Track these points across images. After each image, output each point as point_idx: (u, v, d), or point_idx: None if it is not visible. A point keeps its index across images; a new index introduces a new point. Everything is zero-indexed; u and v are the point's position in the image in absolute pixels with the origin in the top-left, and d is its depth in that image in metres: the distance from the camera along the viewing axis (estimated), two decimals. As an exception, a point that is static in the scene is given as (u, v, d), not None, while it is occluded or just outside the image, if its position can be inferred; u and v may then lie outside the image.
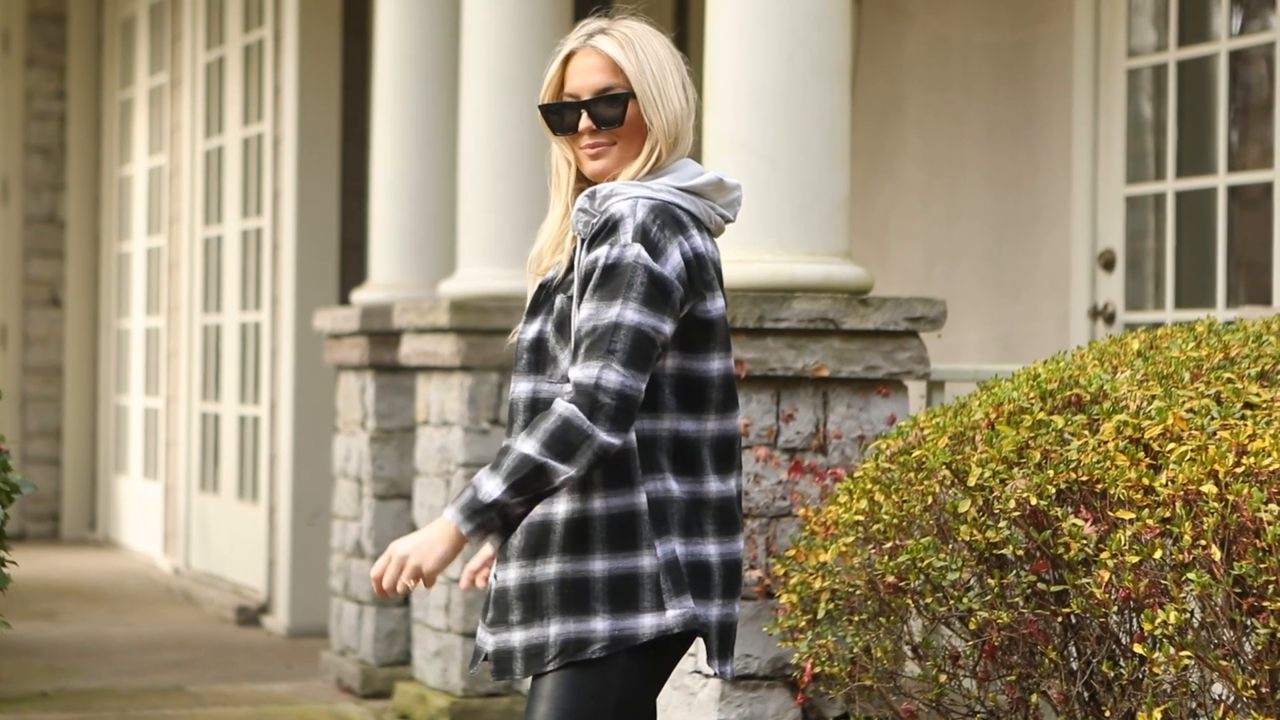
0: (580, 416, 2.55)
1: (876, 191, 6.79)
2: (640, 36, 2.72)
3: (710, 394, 2.67)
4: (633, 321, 2.57)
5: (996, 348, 6.19)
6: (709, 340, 2.67)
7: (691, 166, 2.73)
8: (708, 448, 2.67)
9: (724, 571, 2.68)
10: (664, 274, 2.60)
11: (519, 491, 2.55)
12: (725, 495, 2.69)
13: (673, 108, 2.70)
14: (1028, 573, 3.41)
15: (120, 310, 10.53)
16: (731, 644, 2.72)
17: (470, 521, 2.55)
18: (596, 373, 2.56)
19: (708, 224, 2.71)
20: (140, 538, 9.98)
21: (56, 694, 6.07)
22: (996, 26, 6.29)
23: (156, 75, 9.88)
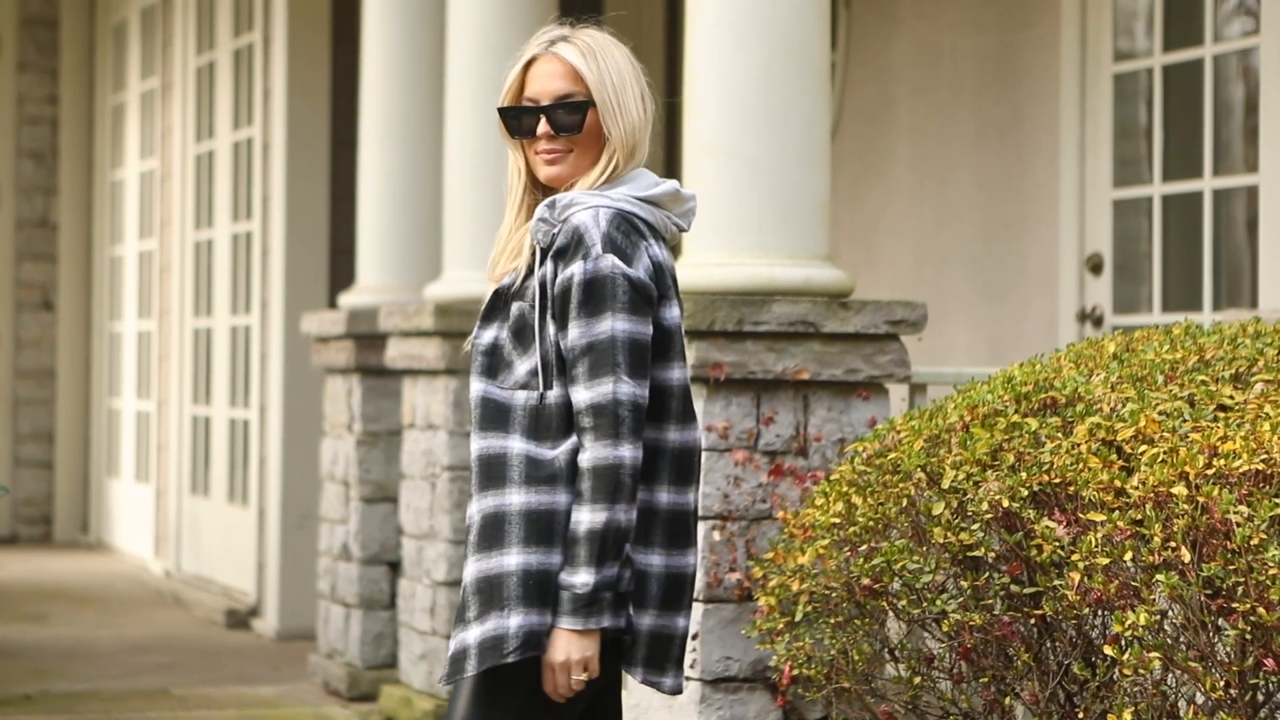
0: (606, 453, 2.57)
1: (866, 194, 6.80)
2: (602, 47, 2.75)
3: (670, 403, 2.68)
4: (625, 331, 2.61)
5: (985, 350, 6.19)
6: (669, 349, 2.68)
7: (648, 176, 2.75)
8: (667, 458, 2.68)
9: (666, 583, 2.67)
10: (641, 278, 2.63)
11: (603, 560, 2.58)
12: (679, 507, 2.69)
13: (631, 118, 2.72)
14: (1002, 575, 3.41)
15: (112, 314, 10.54)
16: (670, 657, 2.70)
17: (586, 618, 2.59)
18: (611, 389, 2.59)
19: (663, 233, 2.73)
20: (132, 540, 9.99)
21: (40, 696, 6.07)
22: (984, 31, 6.30)
23: (148, 80, 9.90)
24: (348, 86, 7.66)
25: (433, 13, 6.35)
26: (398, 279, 6.39)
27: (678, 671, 2.73)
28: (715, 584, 4.27)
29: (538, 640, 2.61)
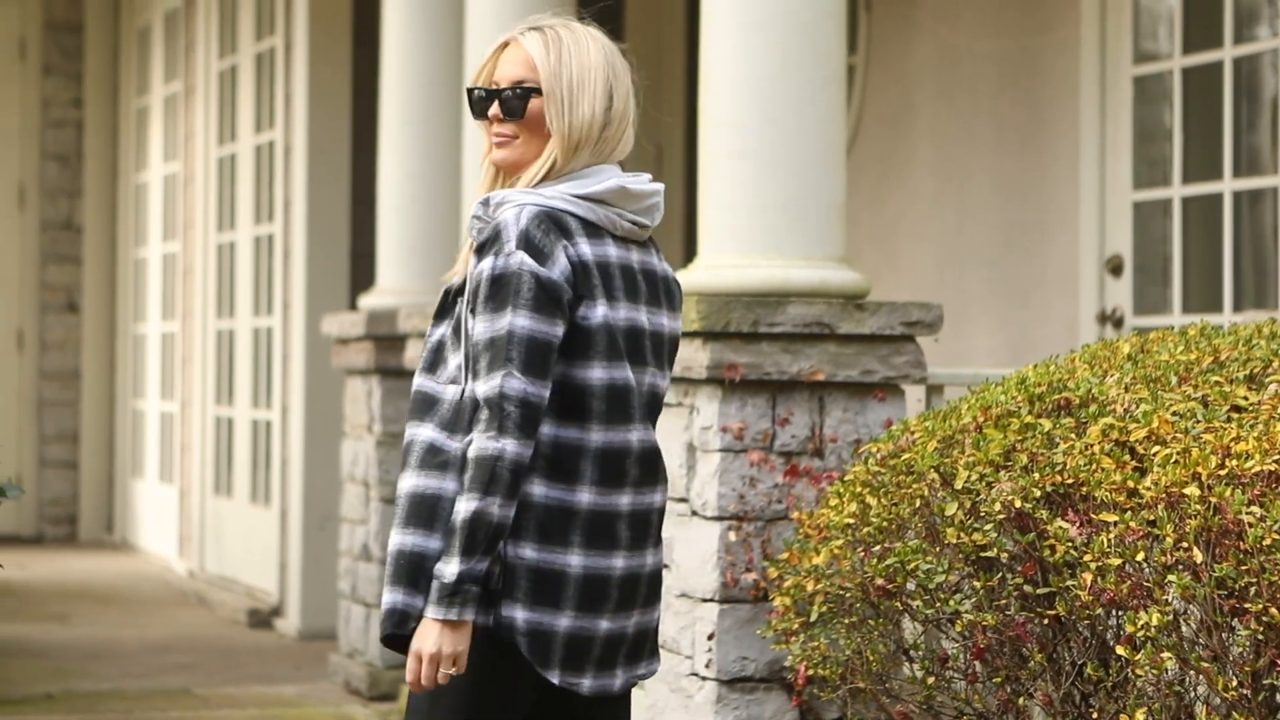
0: (487, 445, 2.57)
1: (887, 197, 6.81)
2: (575, 40, 2.74)
3: (590, 403, 2.65)
4: (524, 327, 2.60)
5: (1006, 352, 6.20)
6: (588, 349, 2.65)
7: (600, 174, 2.72)
8: (590, 458, 2.65)
9: (585, 584, 2.64)
10: (551, 278, 2.62)
11: (472, 551, 2.57)
12: (602, 508, 2.66)
13: (580, 115, 2.70)
14: (1015, 575, 3.42)
15: (136, 315, 10.59)
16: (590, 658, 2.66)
17: (448, 608, 2.57)
18: (499, 383, 2.58)
19: (613, 230, 2.71)
20: (156, 541, 10.03)
21: (62, 696, 6.11)
22: (1004, 35, 6.31)
23: (171, 83, 9.94)
24: (368, 90, 7.70)
25: (452, 16, 6.37)
26: (417, 280, 6.42)
27: (600, 673, 2.68)
28: (731, 584, 4.28)
29: (402, 620, 2.61)
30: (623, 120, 2.74)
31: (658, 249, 2.82)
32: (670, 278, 2.81)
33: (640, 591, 2.71)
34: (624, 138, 2.75)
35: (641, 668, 2.76)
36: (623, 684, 2.72)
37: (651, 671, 2.78)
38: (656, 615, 2.77)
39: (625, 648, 2.71)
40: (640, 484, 2.70)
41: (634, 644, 2.72)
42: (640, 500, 2.70)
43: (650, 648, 2.78)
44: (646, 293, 2.74)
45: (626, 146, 2.77)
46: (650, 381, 2.74)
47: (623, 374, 2.68)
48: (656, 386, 2.75)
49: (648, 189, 2.74)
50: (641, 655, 2.75)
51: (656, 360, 2.75)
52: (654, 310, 2.75)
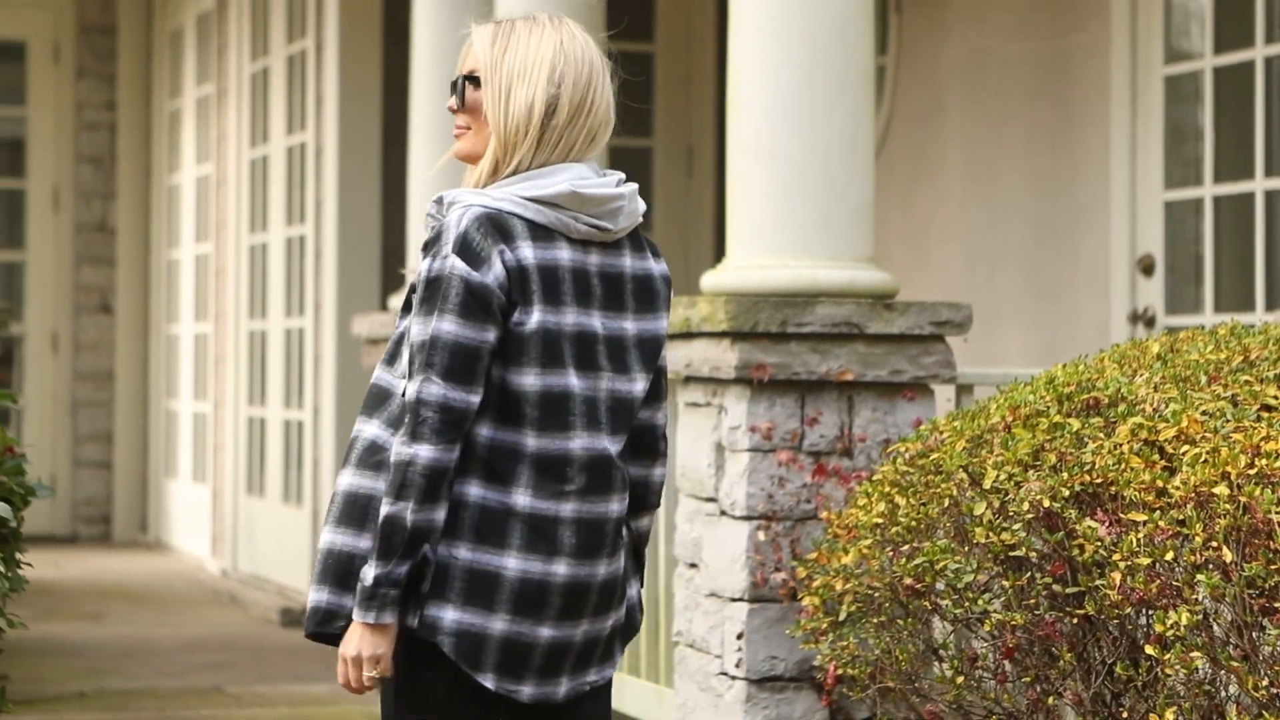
0: (401, 449, 2.55)
1: (917, 198, 6.81)
2: (528, 32, 2.68)
3: (523, 409, 2.60)
4: (449, 333, 2.56)
5: (1037, 352, 6.19)
6: (521, 355, 2.60)
7: (556, 174, 2.64)
8: (525, 463, 2.61)
9: (520, 588, 2.60)
10: (483, 283, 2.57)
11: (388, 555, 2.55)
12: (540, 513, 2.61)
13: (515, 108, 2.64)
14: (1044, 574, 3.41)
15: (169, 316, 10.65)
16: (530, 666, 2.63)
17: (366, 611, 2.57)
18: (418, 387, 2.56)
19: (567, 233, 2.64)
20: (189, 540, 10.08)
21: (95, 694, 6.14)
22: (1034, 36, 6.30)
23: (204, 85, 9.99)
24: (399, 90, 7.72)
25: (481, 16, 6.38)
26: (448, 281, 6.43)
27: (543, 681, 2.65)
28: (761, 584, 4.29)
29: (326, 619, 2.62)
30: (578, 116, 2.65)
31: (643, 249, 2.73)
32: (652, 277, 2.72)
33: (590, 600, 2.66)
34: (587, 136, 2.66)
35: (591, 674, 2.71)
36: (568, 691, 2.68)
37: (604, 678, 2.74)
38: (612, 622, 2.72)
39: (572, 656, 2.67)
40: (589, 492, 2.64)
41: (583, 652, 2.68)
42: (590, 509, 2.64)
43: (603, 654, 2.73)
44: (603, 296, 2.66)
45: (595, 146, 2.68)
46: (610, 387, 2.66)
47: (561, 381, 2.62)
48: (619, 391, 2.67)
49: (607, 193, 2.66)
50: (591, 662, 2.71)
51: (618, 365, 2.67)
52: (614, 314, 2.68)
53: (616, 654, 2.76)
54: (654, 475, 2.79)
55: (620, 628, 2.75)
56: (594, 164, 2.70)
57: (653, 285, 2.73)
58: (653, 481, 2.79)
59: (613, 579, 2.68)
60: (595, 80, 2.68)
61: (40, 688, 6.14)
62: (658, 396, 2.77)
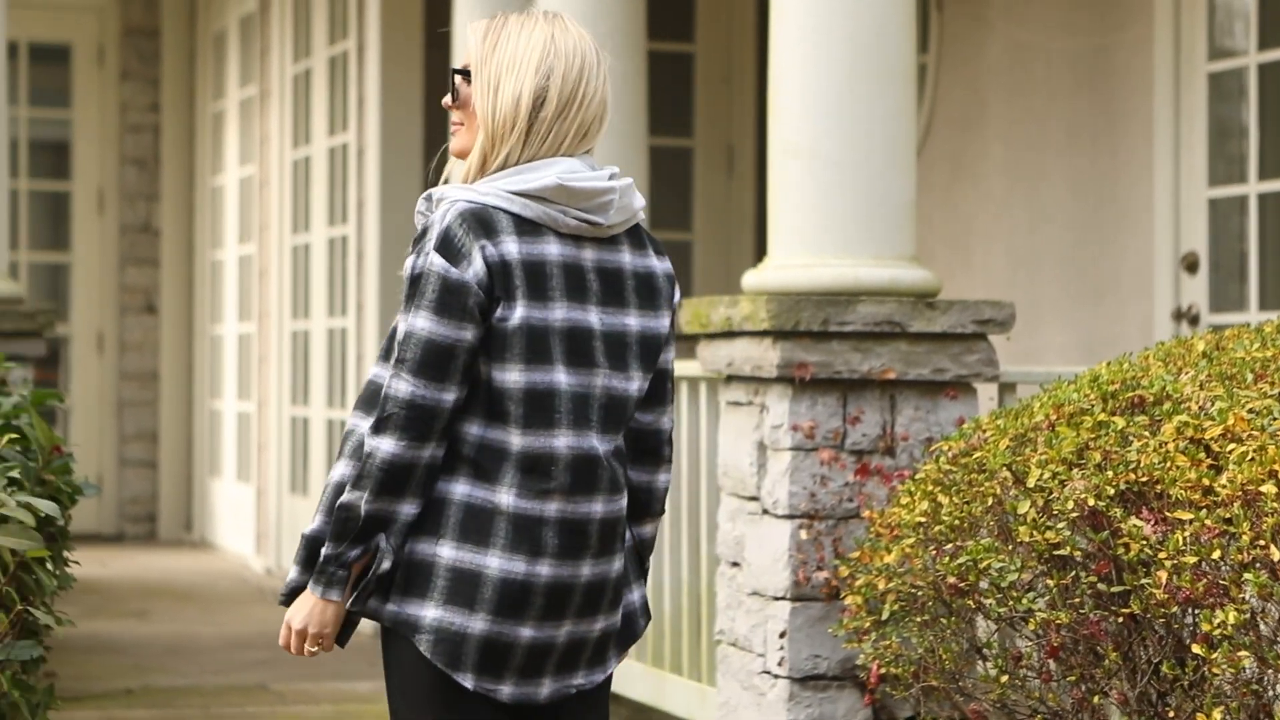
0: (367, 441, 2.56)
1: (958, 197, 6.79)
2: (519, 27, 2.65)
3: (508, 406, 2.57)
4: (423, 329, 2.55)
5: (1080, 351, 6.17)
6: (504, 351, 2.57)
7: (544, 168, 2.61)
8: (511, 462, 2.58)
9: (502, 588, 2.57)
10: (461, 279, 2.54)
11: (340, 537, 2.57)
12: (524, 512, 2.58)
13: (502, 101, 2.61)
14: (1089, 573, 3.40)
15: (213, 316, 10.70)
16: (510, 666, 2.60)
17: (314, 583, 2.60)
18: (389, 382, 2.56)
19: (555, 228, 2.60)
20: (234, 539, 10.14)
21: (142, 691, 6.18)
22: (1077, 33, 6.28)
23: (246, 87, 10.04)
24: (440, 91, 7.73)
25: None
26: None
27: (523, 681, 2.61)
28: (803, 582, 4.29)
29: (294, 594, 2.66)
30: (568, 109, 2.61)
31: (644, 245, 2.70)
32: (654, 274, 2.68)
33: (573, 601, 2.62)
34: (578, 131, 2.63)
35: (579, 677, 2.67)
36: (552, 693, 2.65)
37: (592, 682, 2.69)
38: (602, 626, 2.67)
39: (555, 657, 2.64)
40: (573, 492, 2.60)
41: (567, 654, 2.65)
42: (574, 509, 2.60)
43: (592, 658, 2.68)
44: (600, 292, 2.62)
45: (587, 140, 2.64)
46: (605, 384, 2.62)
47: (545, 377, 2.58)
48: (615, 389, 2.63)
49: (596, 186, 2.61)
50: (578, 665, 2.67)
51: (615, 362, 2.63)
52: (612, 310, 2.63)
53: (610, 659, 2.71)
54: (658, 481, 2.75)
55: (616, 633, 2.70)
56: (588, 159, 2.66)
57: (654, 282, 2.68)
58: (656, 488, 2.75)
59: (600, 581, 2.64)
60: (587, 74, 2.64)
61: (87, 685, 6.19)
62: (663, 400, 2.72)
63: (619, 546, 2.67)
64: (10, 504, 3.30)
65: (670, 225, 7.89)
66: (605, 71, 2.67)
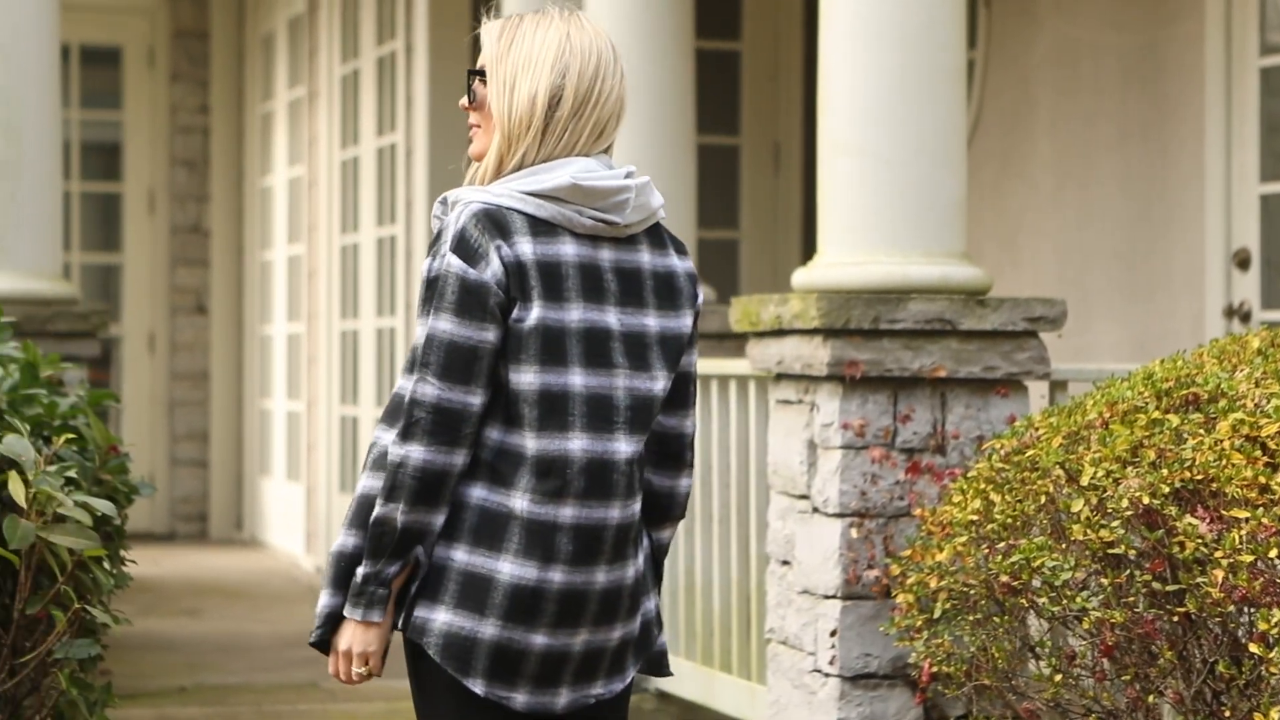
0: (394, 450, 2.52)
1: (1008, 195, 6.77)
2: (534, 26, 2.61)
3: (523, 409, 2.53)
4: (445, 332, 2.50)
5: (1130, 348, 6.14)
6: (520, 352, 2.53)
7: (558, 168, 2.57)
8: (526, 465, 2.54)
9: (513, 594, 2.53)
10: (480, 280, 2.50)
11: (376, 554, 2.53)
12: (539, 518, 2.54)
13: (518, 101, 2.57)
14: (1143, 572, 3.39)
15: (263, 317, 10.76)
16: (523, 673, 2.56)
17: (354, 608, 2.55)
18: (413, 388, 2.52)
19: (571, 228, 2.57)
20: (284, 538, 10.19)
21: (195, 689, 6.22)
22: (1126, 29, 6.24)
23: (295, 88, 10.09)
24: (490, 91, 7.76)
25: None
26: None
27: (539, 690, 2.57)
28: (854, 581, 4.29)
29: (334, 622, 2.59)
30: (584, 108, 2.58)
31: (664, 245, 2.65)
32: (675, 273, 2.64)
33: (588, 609, 2.57)
34: (594, 130, 2.60)
35: (598, 687, 2.62)
36: (569, 703, 2.60)
37: (611, 691, 2.64)
38: (621, 634, 2.62)
39: (572, 666, 2.59)
40: (587, 496, 2.55)
41: (585, 662, 2.60)
42: (588, 514, 2.56)
43: (611, 667, 2.63)
44: (619, 292, 2.58)
45: (603, 139, 2.61)
46: (628, 385, 2.58)
47: (560, 379, 2.54)
48: (639, 389, 2.58)
49: (611, 185, 2.57)
50: (597, 674, 2.62)
51: (637, 362, 2.59)
52: (632, 310, 2.59)
53: (629, 668, 2.66)
54: (679, 486, 2.71)
55: (634, 641, 2.65)
56: (605, 158, 2.62)
57: (675, 282, 2.64)
58: (678, 492, 2.71)
59: (615, 587, 2.59)
60: (603, 72, 2.60)
61: (142, 682, 6.23)
62: (685, 403, 2.68)
63: (632, 552, 2.62)
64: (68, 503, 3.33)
65: (717, 224, 7.89)
66: (622, 69, 2.64)
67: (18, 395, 3.77)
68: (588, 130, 2.59)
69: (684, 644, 5.39)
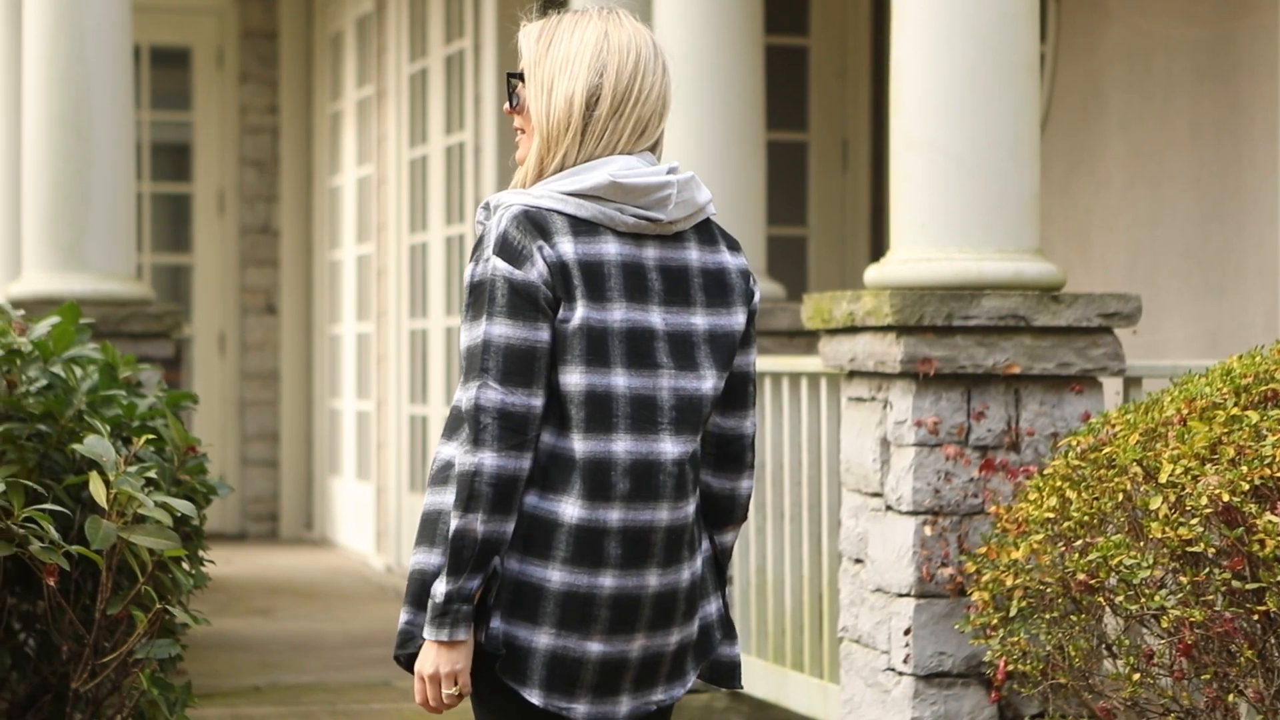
0: (465, 460, 2.47)
1: (1078, 190, 6.72)
2: (573, 26, 2.57)
3: (569, 411, 2.50)
4: (501, 335, 2.48)
5: (1202, 345, 6.09)
6: (565, 353, 2.50)
7: (597, 168, 2.53)
8: (575, 469, 2.50)
9: (565, 602, 2.49)
10: (528, 280, 2.48)
11: (458, 570, 2.47)
12: (588, 523, 2.50)
13: (555, 103, 2.54)
14: (1222, 570, 3.36)
15: (332, 316, 10.82)
16: (581, 682, 2.52)
17: (438, 629, 2.48)
18: (474, 394, 2.48)
19: (613, 226, 2.54)
20: (354, 537, 10.24)
21: (268, 688, 6.26)
22: (1198, 22, 6.19)
23: (364, 87, 10.14)
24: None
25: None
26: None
27: (599, 699, 2.53)
28: (927, 579, 4.27)
29: (410, 640, 2.54)
30: (623, 106, 2.54)
31: (715, 241, 2.61)
32: (726, 270, 2.59)
33: (642, 614, 2.53)
34: (636, 128, 2.55)
35: (659, 693, 2.58)
36: (631, 711, 2.56)
37: (673, 697, 2.60)
38: (680, 638, 2.58)
39: (631, 673, 2.55)
40: (633, 498, 2.51)
41: (644, 669, 2.56)
42: (635, 517, 2.52)
43: (671, 672, 2.59)
44: (663, 291, 2.54)
45: (645, 138, 2.57)
46: (673, 385, 2.54)
47: (604, 380, 2.51)
48: (684, 390, 2.54)
49: (651, 182, 2.53)
50: (657, 680, 2.57)
51: (683, 361, 2.54)
52: (678, 309, 2.55)
53: (689, 673, 2.62)
54: (741, 488, 2.66)
55: (692, 645, 2.61)
56: (648, 155, 2.58)
57: (726, 279, 2.59)
58: (740, 494, 2.66)
59: (669, 591, 2.55)
60: (642, 70, 2.55)
61: (216, 681, 6.28)
62: (744, 404, 2.63)
63: (687, 555, 2.58)
64: (148, 504, 3.36)
65: (784, 221, 7.87)
66: (664, 64, 2.59)
67: (97, 396, 3.80)
68: (629, 129, 2.55)
69: (755, 642, 5.38)
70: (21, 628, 3.92)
